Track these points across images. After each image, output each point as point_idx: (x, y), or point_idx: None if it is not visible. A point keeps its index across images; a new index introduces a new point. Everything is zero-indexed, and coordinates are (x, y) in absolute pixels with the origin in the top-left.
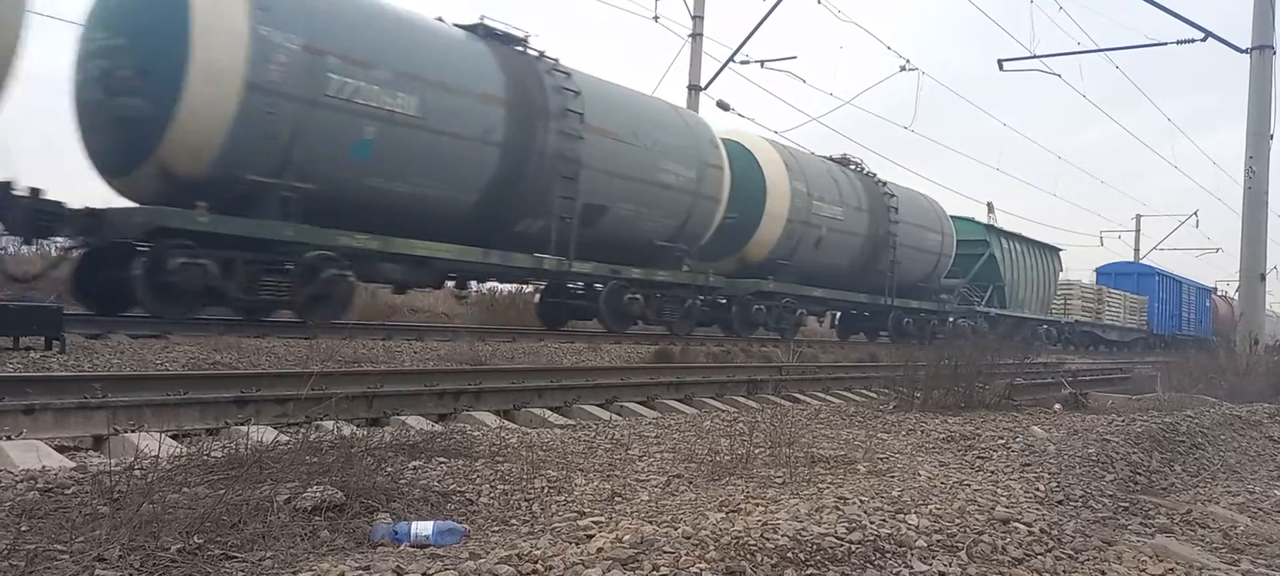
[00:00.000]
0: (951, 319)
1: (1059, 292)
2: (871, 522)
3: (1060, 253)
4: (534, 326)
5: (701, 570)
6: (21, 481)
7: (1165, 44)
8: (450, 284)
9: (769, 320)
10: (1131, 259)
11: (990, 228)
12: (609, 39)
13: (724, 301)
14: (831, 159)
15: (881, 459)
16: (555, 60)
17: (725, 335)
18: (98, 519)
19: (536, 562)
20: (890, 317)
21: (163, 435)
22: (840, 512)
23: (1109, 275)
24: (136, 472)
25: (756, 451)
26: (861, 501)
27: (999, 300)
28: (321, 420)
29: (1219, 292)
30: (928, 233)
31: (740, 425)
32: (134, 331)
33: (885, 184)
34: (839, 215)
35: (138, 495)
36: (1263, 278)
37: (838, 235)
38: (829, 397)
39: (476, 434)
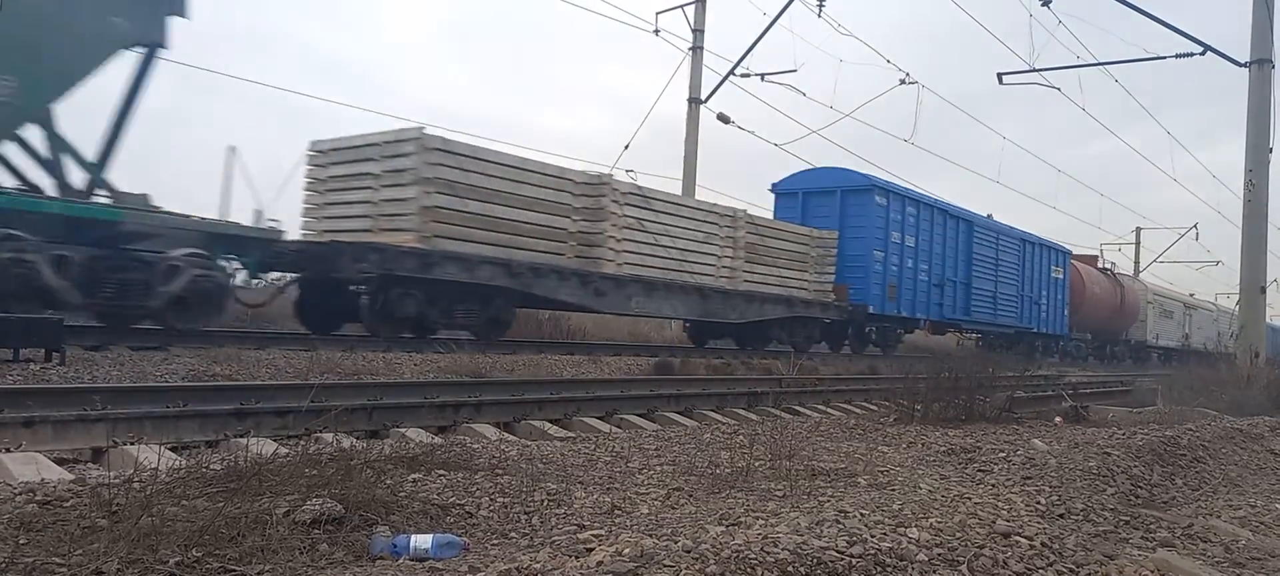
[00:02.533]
0: None
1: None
2: (872, 536)
3: None
4: (532, 338)
5: None
6: (20, 494)
7: (1164, 58)
8: None
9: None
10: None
11: None
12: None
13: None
14: None
15: (882, 472)
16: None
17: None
18: (96, 532)
19: None
20: None
21: (162, 447)
22: (841, 526)
23: (790, 194)
24: (135, 485)
25: (756, 464)
26: (862, 515)
27: None
28: (321, 432)
29: (1103, 265)
30: None
31: (740, 438)
32: (134, 343)
33: None
34: None
35: (136, 508)
36: (1263, 291)
37: None
38: (829, 410)
39: (476, 446)
